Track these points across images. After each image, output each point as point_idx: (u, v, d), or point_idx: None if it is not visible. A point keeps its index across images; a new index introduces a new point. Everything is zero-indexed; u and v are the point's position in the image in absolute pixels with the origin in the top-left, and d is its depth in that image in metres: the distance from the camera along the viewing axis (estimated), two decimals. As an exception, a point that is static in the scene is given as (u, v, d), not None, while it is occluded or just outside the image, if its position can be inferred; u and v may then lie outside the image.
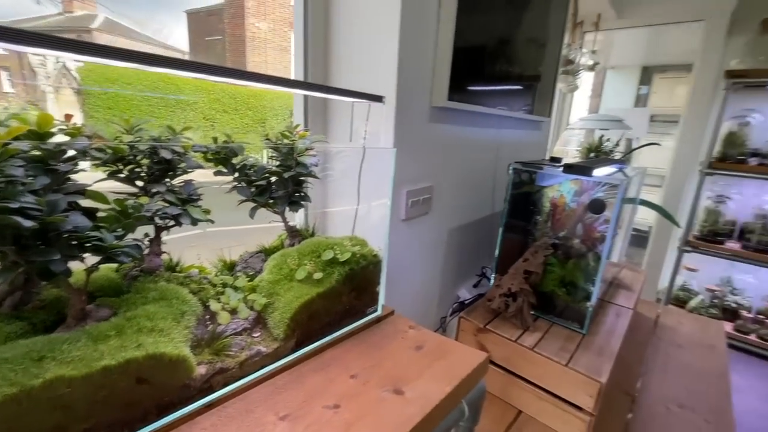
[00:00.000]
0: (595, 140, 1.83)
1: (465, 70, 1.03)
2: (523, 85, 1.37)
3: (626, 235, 2.18)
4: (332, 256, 0.67)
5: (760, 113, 2.18)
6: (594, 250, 1.03)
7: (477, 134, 1.21)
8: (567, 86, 2.01)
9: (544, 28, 1.41)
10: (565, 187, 1.09)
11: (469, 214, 1.28)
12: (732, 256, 2.19)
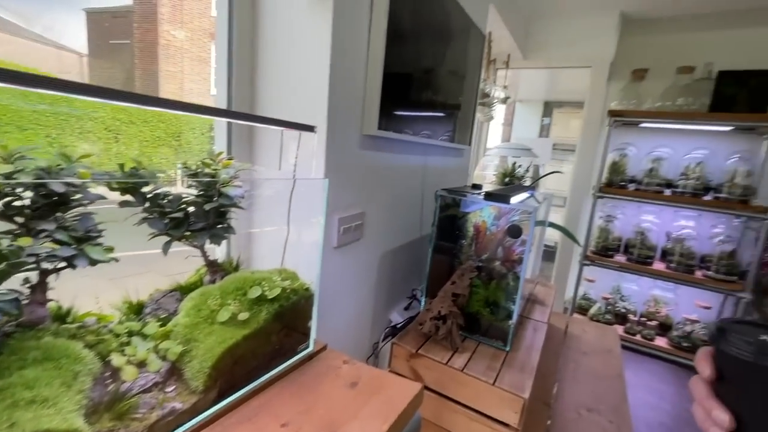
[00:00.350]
0: (509, 166, 2.01)
1: (394, 100, 1.06)
2: (447, 116, 1.46)
3: (538, 252, 2.40)
4: (260, 293, 0.63)
5: (635, 147, 2.60)
6: (513, 271, 1.11)
7: (405, 161, 1.25)
8: (484, 116, 2.20)
9: (463, 62, 1.52)
10: (486, 212, 1.17)
11: (400, 237, 1.30)
12: (619, 267, 2.53)
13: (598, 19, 2.40)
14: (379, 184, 1.12)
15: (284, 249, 0.78)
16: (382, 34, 0.94)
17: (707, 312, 2.52)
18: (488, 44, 2.11)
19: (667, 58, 2.47)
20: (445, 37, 1.30)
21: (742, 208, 2.19)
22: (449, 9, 1.28)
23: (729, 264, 2.28)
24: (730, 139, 2.39)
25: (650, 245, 2.54)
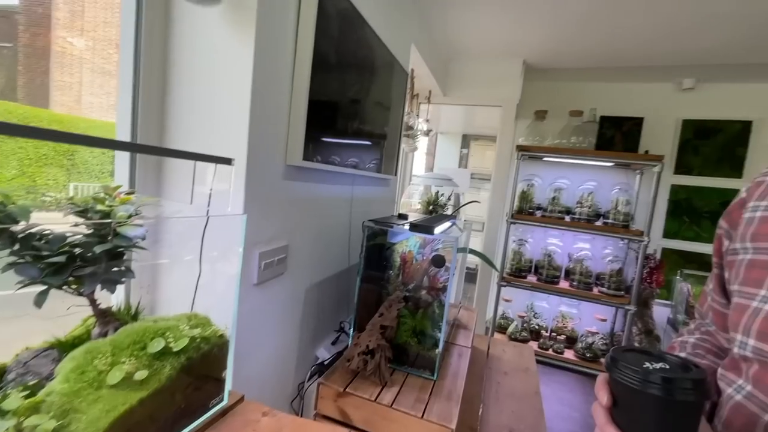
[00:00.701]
0: (433, 195, 2.11)
1: (320, 129, 1.05)
2: (373, 146, 1.49)
3: (461, 277, 2.52)
4: (163, 345, 0.55)
5: (540, 178, 2.91)
6: (439, 299, 1.14)
7: (332, 191, 1.24)
8: (408, 147, 2.29)
9: (388, 95, 1.58)
10: (412, 242, 1.20)
11: (327, 269, 1.27)
12: (532, 287, 2.76)
13: (506, 65, 2.69)
14: (305, 215, 1.09)
15: (195, 291, 0.70)
16: (308, 63, 0.93)
17: (604, 324, 2.85)
18: (411, 80, 2.23)
19: (562, 102, 2.85)
20: (370, 70, 1.34)
21: (625, 232, 2.55)
22: (373, 44, 1.33)
23: (617, 280, 2.62)
24: (612, 173, 2.80)
25: (556, 266, 2.82)
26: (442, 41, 2.41)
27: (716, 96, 2.60)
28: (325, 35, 1.00)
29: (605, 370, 0.46)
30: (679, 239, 2.74)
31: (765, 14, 1.77)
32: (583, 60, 2.60)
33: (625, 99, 2.76)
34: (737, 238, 0.49)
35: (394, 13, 1.59)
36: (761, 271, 0.43)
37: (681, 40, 2.14)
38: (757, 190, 0.49)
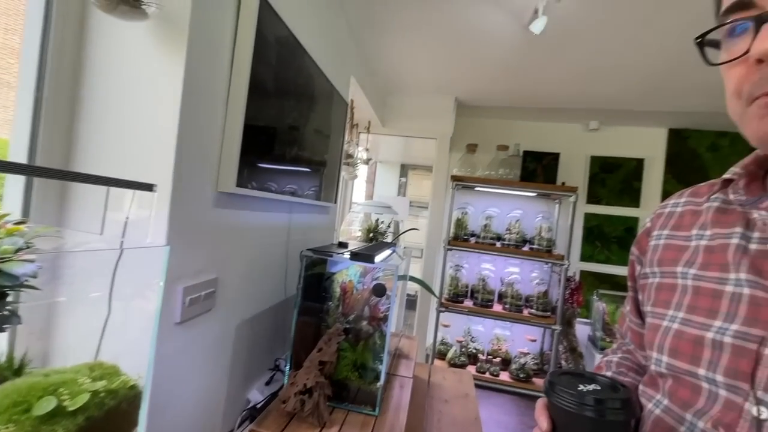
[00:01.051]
0: (373, 223, 2.12)
1: (257, 155, 1.01)
2: (312, 172, 1.47)
3: (402, 305, 2.53)
4: (55, 405, 0.46)
5: (473, 206, 3.08)
6: (380, 329, 1.11)
7: (268, 219, 1.18)
8: (348, 175, 2.30)
9: (328, 124, 1.59)
10: (353, 271, 1.18)
11: (261, 302, 1.19)
12: (468, 311, 2.85)
13: (440, 101, 2.87)
14: (238, 245, 1.02)
15: (102, 335, 0.61)
16: (244, 87, 0.90)
17: (534, 344, 3.01)
18: (351, 110, 2.27)
19: (491, 137, 3.09)
20: (309, 98, 1.34)
21: (548, 256, 2.77)
22: (313, 74, 1.34)
23: (544, 302, 2.81)
24: (536, 202, 3.06)
25: (490, 290, 2.95)
26: (381, 76, 2.51)
27: (616, 136, 3.00)
28: (263, 61, 0.98)
29: (544, 394, 0.48)
30: (594, 262, 3.04)
31: (652, 70, 2.10)
32: (507, 100, 2.86)
33: (544, 136, 3.07)
34: (647, 264, 0.54)
35: (334, 45, 1.62)
36: (668, 292, 0.48)
37: (586, 87, 2.46)
38: (658, 221, 0.55)
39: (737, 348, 0.39)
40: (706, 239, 0.46)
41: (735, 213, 0.45)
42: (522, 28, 1.73)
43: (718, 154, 2.83)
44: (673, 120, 2.83)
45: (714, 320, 0.41)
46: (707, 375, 0.41)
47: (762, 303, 0.39)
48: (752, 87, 0.37)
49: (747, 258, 0.41)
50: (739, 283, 0.41)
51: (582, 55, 2.01)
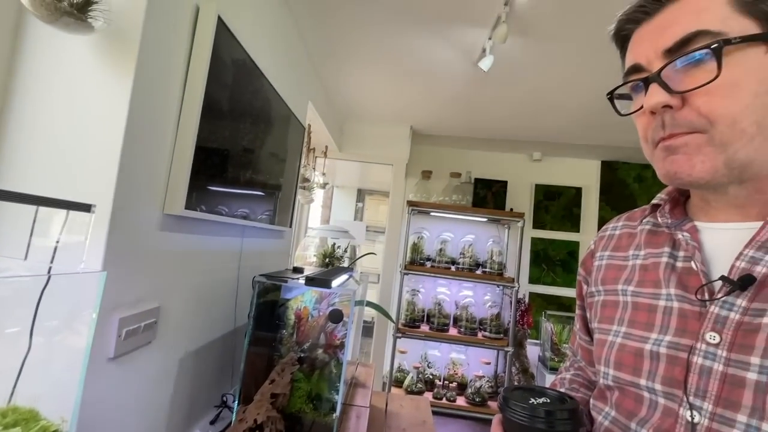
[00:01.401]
0: (329, 247, 2.09)
1: (208, 177, 0.98)
2: (267, 196, 1.43)
3: (358, 331, 2.48)
4: (-48, 461, 0.39)
5: (428, 231, 3.15)
6: (336, 357, 1.08)
7: (219, 243, 1.13)
8: (305, 199, 2.27)
9: (284, 147, 1.57)
10: (308, 297, 1.14)
11: (208, 333, 1.11)
12: (425, 336, 2.85)
13: (396, 129, 2.96)
14: (185, 270, 0.96)
15: (19, 375, 0.54)
16: (197, 108, 0.88)
17: (488, 367, 3.06)
18: (308, 134, 2.28)
19: (444, 164, 3.22)
20: (266, 121, 1.33)
21: (499, 279, 2.87)
22: (270, 97, 1.33)
23: (497, 324, 2.89)
24: (487, 227, 3.19)
25: (445, 314, 2.98)
26: (339, 102, 2.56)
27: (557, 166, 3.24)
28: (218, 82, 0.96)
29: (499, 410, 0.49)
30: (541, 284, 3.19)
31: (586, 108, 2.33)
32: (459, 130, 3.02)
33: (493, 165, 3.26)
34: (592, 283, 0.58)
35: (292, 70, 1.64)
36: (611, 309, 0.52)
37: (530, 121, 2.67)
38: (600, 243, 0.61)
39: (671, 357, 0.42)
40: (641, 259, 0.51)
41: (663, 234, 0.50)
42: (472, 65, 1.86)
43: (643, 184, 3.14)
44: (605, 153, 3.12)
45: (651, 333, 0.45)
46: (647, 385, 0.44)
47: (689, 315, 0.42)
48: (653, 133, 0.43)
49: (675, 275, 0.46)
50: (669, 297, 0.45)
51: (525, 92, 2.18)
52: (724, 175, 0.40)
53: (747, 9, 0.39)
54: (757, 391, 0.36)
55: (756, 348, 0.37)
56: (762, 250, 0.39)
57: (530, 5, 1.37)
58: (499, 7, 1.40)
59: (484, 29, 1.57)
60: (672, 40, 0.40)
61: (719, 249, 0.43)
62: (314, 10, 1.53)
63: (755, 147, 0.39)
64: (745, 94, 0.38)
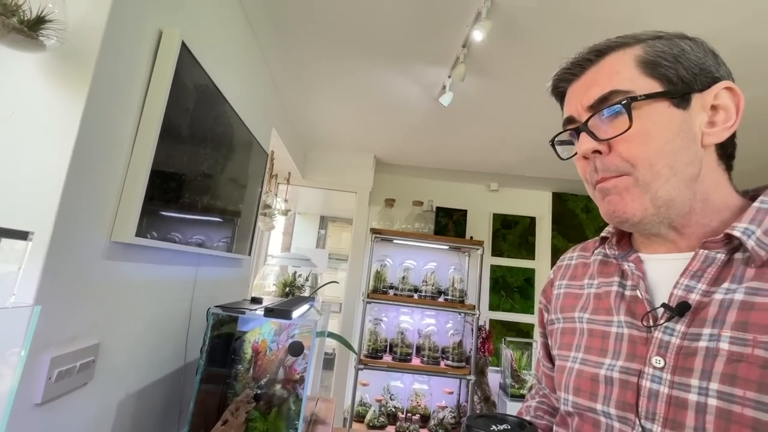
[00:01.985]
0: (290, 276, 2.03)
1: (162, 203, 0.93)
2: (225, 222, 1.38)
3: (319, 364, 2.38)
4: None
5: (391, 258, 3.16)
6: (295, 392, 1.03)
7: (171, 273, 1.06)
8: (265, 226, 2.21)
9: (245, 173, 1.54)
10: (266, 329, 1.09)
11: (154, 371, 1.02)
12: (387, 367, 2.79)
13: (360, 157, 3.01)
14: (131, 302, 0.89)
15: None
16: (154, 131, 0.84)
17: (451, 397, 3.03)
18: (271, 161, 2.25)
19: (407, 193, 3.29)
20: (227, 147, 1.30)
21: (461, 307, 2.90)
22: (233, 123, 1.31)
23: (459, 352, 2.89)
24: (448, 255, 3.25)
25: (408, 343, 2.95)
26: (303, 130, 2.57)
27: (513, 197, 3.41)
28: (179, 106, 0.94)
29: None
30: (500, 311, 3.27)
31: (537, 143, 2.49)
32: (421, 160, 3.11)
33: (454, 194, 3.37)
34: (552, 311, 0.61)
35: (257, 97, 1.63)
36: (570, 336, 0.54)
37: (487, 154, 2.81)
38: (559, 272, 0.64)
39: (623, 382, 0.44)
40: (594, 287, 0.55)
41: (613, 265, 0.54)
42: (433, 100, 1.95)
43: (591, 215, 3.37)
44: (556, 185, 3.34)
45: (605, 358, 0.48)
46: (603, 409, 0.46)
47: (637, 341, 0.45)
48: (590, 175, 0.49)
49: (624, 303, 0.49)
50: (620, 324, 0.48)
51: (483, 127, 2.31)
52: (654, 214, 0.45)
53: (651, 72, 0.45)
54: (697, 411, 0.38)
55: (695, 370, 0.39)
56: (694, 279, 0.43)
57: (486, 49, 1.48)
58: (458, 49, 1.49)
59: (444, 68, 1.66)
60: (593, 99, 0.47)
61: (661, 278, 0.47)
62: (280, 39, 1.56)
63: (673, 186, 0.44)
64: (656, 141, 0.44)
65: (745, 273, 0.41)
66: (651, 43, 0.47)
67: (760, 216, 0.42)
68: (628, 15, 1.24)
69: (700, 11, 1.21)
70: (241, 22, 1.37)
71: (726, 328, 0.39)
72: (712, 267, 0.42)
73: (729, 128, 0.45)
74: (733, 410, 0.36)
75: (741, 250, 0.42)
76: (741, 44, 1.36)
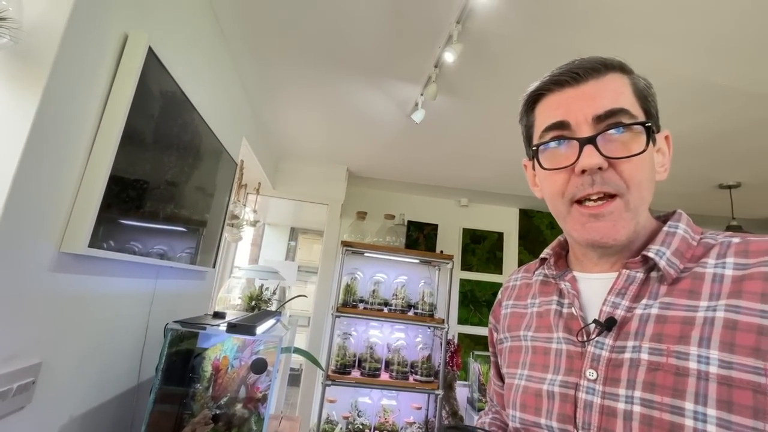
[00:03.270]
0: (256, 289, 1.97)
1: (121, 211, 0.88)
2: (190, 232, 1.33)
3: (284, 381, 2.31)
4: None
5: (362, 272, 3.14)
6: (257, 412, 0.99)
7: (128, 285, 1.01)
8: (232, 237, 2.15)
9: (213, 182, 1.50)
10: (229, 344, 1.05)
11: (103, 391, 0.96)
12: (356, 383, 2.74)
13: (333, 170, 3.00)
14: (80, 318, 0.83)
15: None
16: (115, 136, 0.81)
17: (419, 412, 3.00)
18: (241, 170, 2.20)
19: (379, 206, 3.30)
20: (194, 156, 1.26)
21: (430, 320, 2.91)
22: (201, 131, 1.28)
23: (428, 367, 2.88)
24: (419, 269, 3.27)
25: (377, 358, 2.92)
26: (274, 140, 2.54)
27: (482, 212, 3.49)
28: (143, 112, 0.91)
29: None
30: (469, 324, 3.30)
31: (504, 161, 2.58)
32: (394, 174, 3.14)
33: (425, 208, 3.41)
34: (501, 330, 0.63)
35: (227, 106, 1.60)
36: (517, 354, 0.56)
37: (457, 170, 2.88)
38: (506, 293, 0.67)
39: (563, 395, 0.47)
40: (536, 306, 0.57)
41: (552, 284, 0.56)
42: (406, 116, 1.98)
43: (555, 231, 3.50)
44: (522, 202, 3.45)
45: (547, 374, 0.50)
46: (547, 423, 0.47)
47: (574, 356, 0.48)
48: (575, 190, 0.47)
49: (562, 320, 0.51)
50: (559, 340, 0.50)
51: (453, 144, 2.37)
52: (632, 239, 0.47)
53: (642, 103, 0.48)
54: (625, 419, 0.41)
55: (621, 380, 0.42)
56: (619, 296, 0.46)
57: (457, 70, 1.53)
58: (430, 68, 1.54)
59: (417, 85, 1.70)
60: (603, 109, 0.46)
61: (593, 295, 0.50)
62: (253, 48, 1.55)
63: (643, 213, 0.48)
64: (647, 169, 0.46)
65: (659, 290, 0.44)
66: (635, 76, 0.49)
67: (669, 239, 0.46)
68: (589, 46, 1.32)
69: (640, 44, 1.31)
70: (213, 30, 1.35)
71: (645, 340, 0.42)
72: (633, 285, 0.46)
73: (666, 170, 0.50)
74: (654, 415, 0.39)
75: (656, 270, 0.45)
76: (679, 77, 1.48)
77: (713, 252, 0.44)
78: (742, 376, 0.36)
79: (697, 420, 0.37)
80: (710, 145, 2.06)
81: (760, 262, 0.40)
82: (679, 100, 1.64)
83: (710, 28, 1.21)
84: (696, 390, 0.38)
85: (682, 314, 0.42)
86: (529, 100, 0.55)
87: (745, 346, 0.37)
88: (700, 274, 0.43)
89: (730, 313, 0.39)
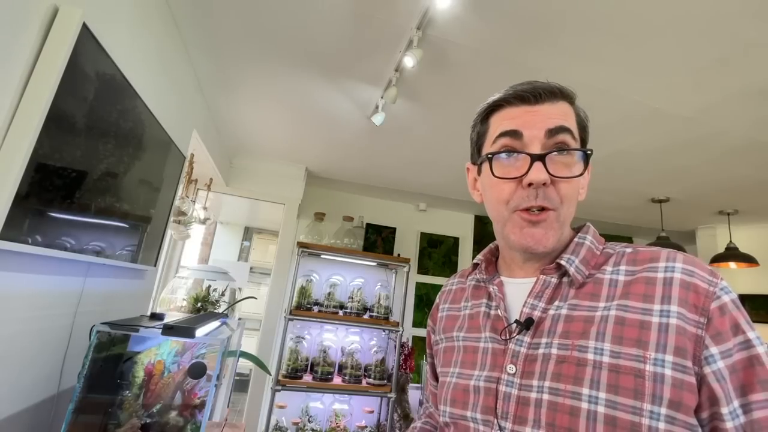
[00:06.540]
0: (203, 290, 1.87)
1: (46, 202, 0.80)
2: (130, 230, 1.24)
3: (229, 385, 2.20)
4: None
5: (318, 274, 3.08)
6: (194, 419, 0.93)
7: (48, 283, 0.91)
8: (179, 234, 2.03)
9: (158, 176, 1.40)
10: (165, 348, 0.98)
11: (15, 402, 0.86)
12: (307, 387, 2.68)
13: (291, 168, 2.92)
14: (-13, 319, 0.74)
15: None
16: (37, 118, 0.73)
17: (371, 416, 2.99)
18: (190, 165, 2.09)
19: (338, 208, 3.26)
20: (136, 146, 1.18)
21: (385, 323, 2.92)
22: (144, 120, 1.20)
23: (381, 370, 2.88)
24: (376, 271, 3.27)
25: (330, 362, 2.87)
26: (229, 134, 2.43)
27: (439, 217, 3.56)
28: (74, 94, 0.83)
29: None
30: (423, 327, 3.34)
31: (460, 167, 2.64)
32: (353, 176, 3.12)
33: (384, 211, 3.42)
34: (437, 332, 0.68)
35: (177, 95, 1.51)
36: (450, 353, 0.61)
37: (416, 175, 2.91)
38: (443, 297, 0.71)
39: (487, 389, 0.51)
40: (468, 309, 0.62)
41: (482, 288, 0.61)
42: (366, 118, 1.98)
43: (507, 238, 3.65)
44: (477, 208, 3.56)
45: (474, 370, 0.54)
46: (472, 415, 0.51)
47: (498, 353, 0.53)
48: (520, 200, 0.52)
49: (489, 321, 0.56)
50: (486, 340, 0.55)
51: (412, 149, 2.40)
52: (555, 246, 0.53)
53: (581, 132, 0.55)
54: (536, 406, 0.46)
55: (535, 373, 0.48)
56: (537, 299, 0.52)
57: (417, 76, 1.55)
58: (391, 72, 1.54)
59: (377, 88, 1.70)
60: (554, 124, 0.52)
61: (517, 298, 0.55)
62: (208, 38, 1.47)
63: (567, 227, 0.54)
64: (577, 190, 0.54)
65: (569, 293, 0.51)
66: (577, 107, 0.56)
67: (578, 249, 0.53)
68: (542, 63, 1.38)
69: (590, 66, 1.40)
70: (163, 13, 1.27)
71: (556, 337, 0.48)
72: (549, 289, 0.52)
73: (585, 193, 0.57)
74: (558, 401, 0.45)
75: (567, 275, 0.52)
76: (622, 98, 1.59)
77: (611, 260, 0.52)
78: (627, 364, 0.43)
79: (591, 402, 0.43)
80: (645, 162, 2.24)
81: (644, 269, 0.48)
82: (620, 119, 1.77)
83: (653, 54, 1.31)
84: (591, 377, 0.44)
85: (585, 314, 0.48)
86: (487, 109, 0.58)
87: (630, 338, 0.44)
88: (600, 280, 0.50)
89: (620, 311, 0.46)
